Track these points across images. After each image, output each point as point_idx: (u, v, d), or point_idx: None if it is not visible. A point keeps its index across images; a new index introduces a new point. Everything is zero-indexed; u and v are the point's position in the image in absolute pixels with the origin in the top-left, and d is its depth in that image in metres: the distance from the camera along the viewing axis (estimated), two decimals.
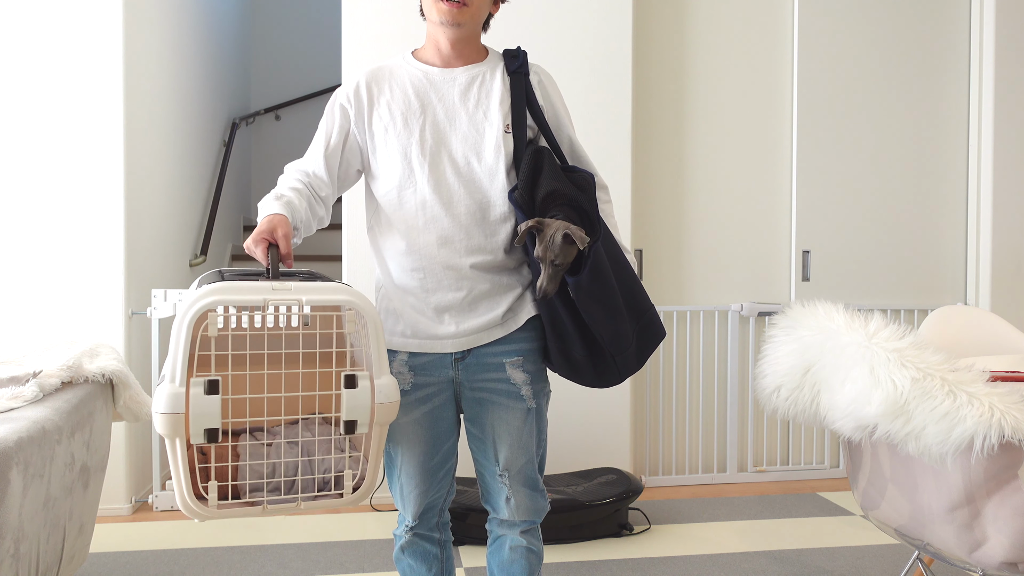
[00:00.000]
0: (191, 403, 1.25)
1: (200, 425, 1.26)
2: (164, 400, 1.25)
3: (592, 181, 1.62)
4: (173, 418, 1.25)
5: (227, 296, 1.27)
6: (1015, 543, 1.68)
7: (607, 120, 3.37)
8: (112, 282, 3.10)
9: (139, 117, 3.28)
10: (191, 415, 1.25)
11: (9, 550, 1.60)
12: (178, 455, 1.27)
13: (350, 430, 1.35)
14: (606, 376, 1.61)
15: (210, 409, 1.26)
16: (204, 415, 1.26)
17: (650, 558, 2.70)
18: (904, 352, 1.75)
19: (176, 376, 1.25)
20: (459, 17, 1.54)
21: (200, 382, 1.26)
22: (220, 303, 1.27)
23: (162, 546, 2.78)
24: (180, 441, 1.26)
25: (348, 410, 1.34)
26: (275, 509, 1.34)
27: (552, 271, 1.48)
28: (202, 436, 1.26)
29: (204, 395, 1.25)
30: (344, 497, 1.37)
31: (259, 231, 1.43)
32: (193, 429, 1.26)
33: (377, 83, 1.62)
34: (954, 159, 3.78)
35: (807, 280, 3.67)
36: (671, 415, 3.62)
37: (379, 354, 1.37)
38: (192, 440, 1.27)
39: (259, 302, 1.28)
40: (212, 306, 1.26)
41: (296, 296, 1.30)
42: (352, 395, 1.34)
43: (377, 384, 1.36)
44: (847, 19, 3.67)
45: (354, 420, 1.34)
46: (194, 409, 1.25)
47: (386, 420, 1.38)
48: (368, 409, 1.35)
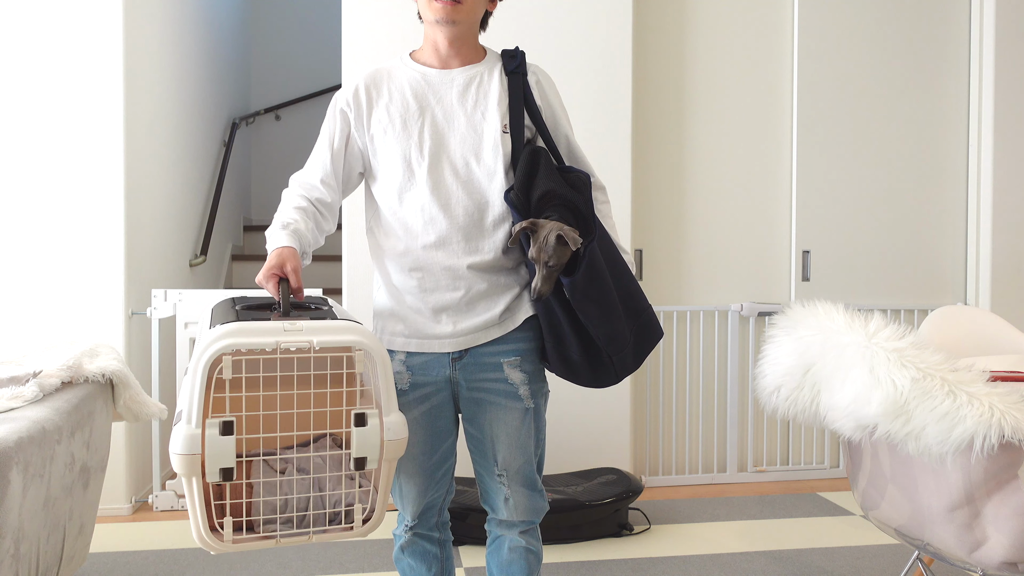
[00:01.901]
0: (207, 444, 1.30)
1: (216, 465, 1.31)
2: (181, 441, 1.30)
3: (588, 181, 1.62)
4: (190, 459, 1.30)
5: (240, 339, 1.32)
6: (1015, 543, 1.68)
7: (607, 120, 3.37)
8: (112, 282, 3.10)
9: (139, 117, 3.28)
10: (207, 455, 1.30)
11: (9, 550, 1.60)
12: (195, 493, 1.32)
13: (360, 467, 1.39)
14: (603, 376, 1.61)
15: (225, 449, 1.31)
16: (219, 455, 1.31)
17: (650, 558, 2.70)
18: (904, 352, 1.75)
19: (192, 418, 1.30)
20: (454, 15, 1.55)
21: (215, 423, 1.30)
22: (234, 346, 1.31)
23: (162, 546, 2.78)
24: (196, 480, 1.31)
25: (358, 447, 1.38)
26: (287, 542, 1.39)
27: (546, 272, 1.48)
28: (217, 475, 1.31)
29: (219, 436, 1.30)
30: (354, 530, 1.43)
31: (269, 267, 1.46)
32: (209, 468, 1.31)
33: (376, 85, 1.62)
34: (954, 159, 3.78)
35: (807, 280, 3.67)
36: (671, 415, 3.62)
37: (388, 392, 1.41)
38: (208, 479, 1.31)
39: (272, 344, 1.33)
40: (226, 350, 1.30)
41: (307, 338, 1.34)
42: (362, 433, 1.38)
43: (386, 422, 1.40)
44: (847, 19, 3.67)
45: (364, 457, 1.39)
46: (210, 450, 1.30)
47: (394, 456, 1.42)
48: (377, 446, 1.39)
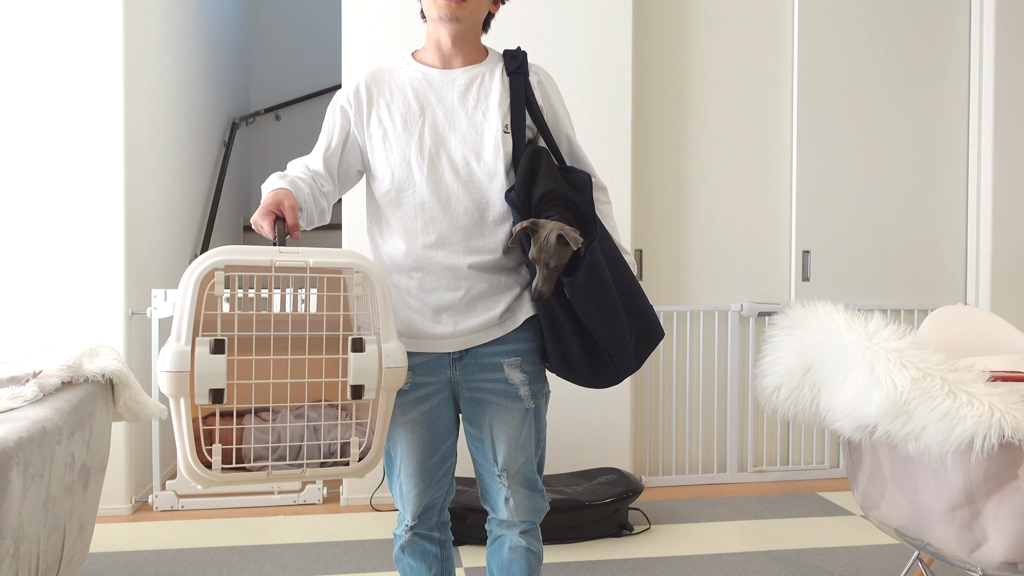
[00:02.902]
0: (197, 362, 1.22)
1: (205, 385, 1.23)
2: (169, 358, 1.22)
3: (589, 182, 1.62)
4: (178, 376, 1.22)
5: (234, 256, 1.26)
6: (1015, 543, 1.68)
7: (607, 120, 3.37)
8: (112, 282, 3.10)
9: (139, 117, 3.28)
10: (196, 374, 1.22)
11: (9, 550, 1.60)
12: (182, 415, 1.24)
13: (357, 395, 1.33)
14: (604, 376, 1.61)
15: (216, 368, 1.23)
16: (210, 374, 1.23)
17: (650, 558, 2.70)
18: (904, 352, 1.75)
19: (182, 335, 1.23)
20: (458, 12, 1.55)
21: (206, 341, 1.23)
22: (226, 262, 1.26)
23: (162, 546, 2.78)
24: (184, 400, 1.24)
25: (355, 374, 1.32)
26: (280, 475, 1.31)
27: (547, 272, 1.48)
28: (207, 396, 1.23)
29: (210, 354, 1.23)
30: (350, 465, 1.34)
31: (265, 205, 1.44)
32: (198, 389, 1.23)
33: (377, 85, 1.62)
34: (954, 159, 3.78)
35: (807, 280, 3.67)
36: (671, 415, 3.62)
37: (386, 318, 1.35)
38: (197, 400, 1.23)
39: (266, 262, 1.27)
40: (218, 265, 1.25)
41: (303, 259, 1.29)
42: (359, 359, 1.32)
43: (384, 349, 1.34)
44: (847, 19, 3.67)
45: (361, 385, 1.32)
46: (199, 368, 1.22)
47: (393, 386, 1.36)
48: (375, 374, 1.33)
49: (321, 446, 1.35)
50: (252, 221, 1.44)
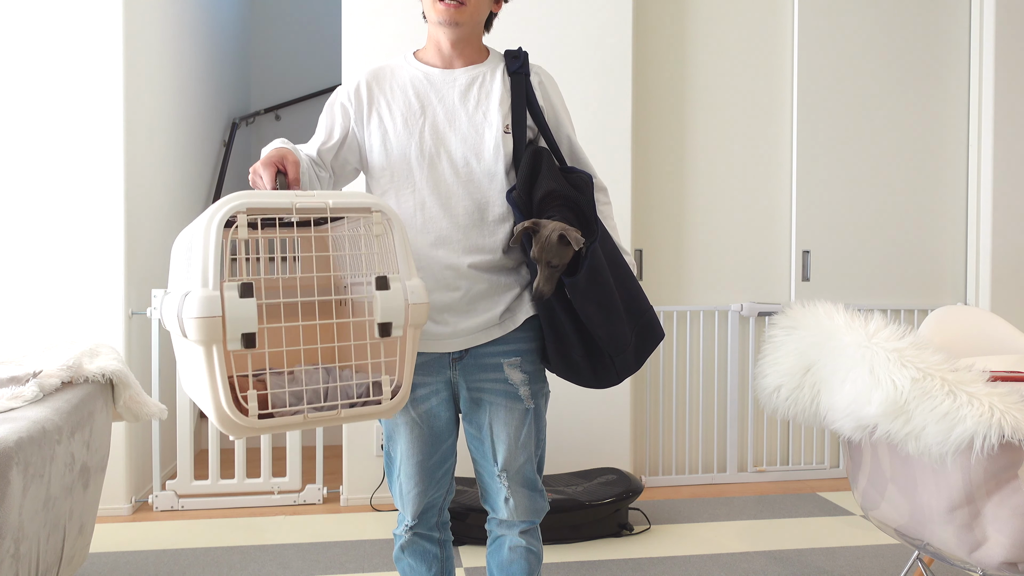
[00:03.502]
0: (227, 307, 1.18)
1: (237, 329, 1.19)
2: (197, 304, 1.17)
3: (590, 182, 1.62)
4: (210, 322, 1.17)
5: (254, 200, 1.24)
6: (1015, 543, 1.68)
7: (607, 120, 3.37)
8: (112, 282, 3.10)
9: (139, 117, 3.28)
10: (228, 319, 1.18)
11: (9, 550, 1.60)
12: (215, 363, 1.20)
13: (385, 333, 1.31)
14: (604, 377, 1.61)
15: (247, 312, 1.19)
16: (241, 318, 1.19)
17: (650, 558, 2.70)
18: (904, 352, 1.75)
19: (209, 280, 1.19)
20: (457, 16, 1.55)
21: (234, 285, 1.20)
22: (248, 205, 1.23)
23: (162, 546, 2.78)
24: (217, 347, 1.19)
25: (383, 312, 1.30)
26: (315, 419, 1.28)
27: (548, 272, 1.48)
28: (239, 342, 1.19)
29: (239, 298, 1.19)
30: (383, 404, 1.33)
31: (268, 156, 1.43)
32: (230, 334, 1.19)
33: (378, 83, 1.63)
34: (954, 159, 3.78)
35: (807, 280, 3.67)
36: (671, 415, 3.62)
37: (406, 257, 1.35)
38: (229, 346, 1.20)
39: (286, 204, 1.25)
40: (240, 208, 1.22)
41: (322, 200, 1.28)
42: (386, 296, 1.31)
43: (408, 286, 1.34)
44: (847, 19, 3.67)
45: (389, 322, 1.31)
46: (230, 313, 1.18)
47: (419, 322, 1.35)
48: (402, 310, 1.32)
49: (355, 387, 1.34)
50: (252, 170, 1.42)
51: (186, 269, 1.32)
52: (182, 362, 1.44)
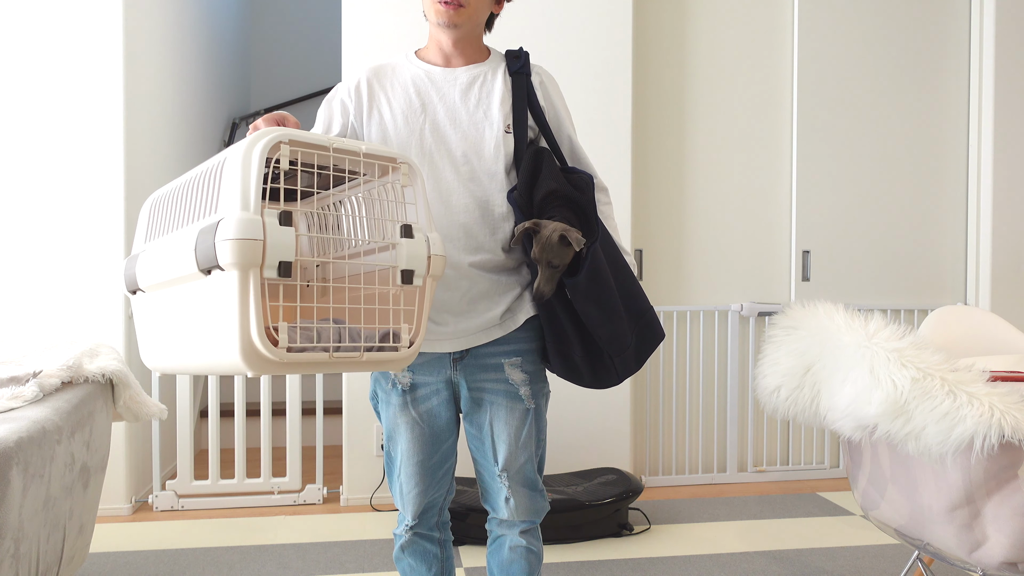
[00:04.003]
0: (267, 232, 1.15)
1: (276, 256, 1.16)
2: (236, 226, 1.13)
3: (591, 182, 1.62)
4: (250, 244, 1.13)
5: (295, 133, 1.23)
6: (1015, 543, 1.68)
7: (607, 120, 3.38)
8: (112, 282, 3.10)
9: (139, 117, 3.28)
10: (267, 244, 1.15)
11: (9, 550, 1.60)
12: (251, 290, 1.15)
13: (407, 280, 1.33)
14: (605, 377, 1.61)
15: (285, 240, 1.17)
16: (280, 245, 1.16)
17: (650, 558, 2.70)
18: (904, 352, 1.75)
19: (251, 203, 1.15)
20: (456, 18, 1.55)
21: (273, 212, 1.17)
22: (290, 136, 1.22)
23: (162, 546, 2.78)
24: (254, 273, 1.15)
25: (408, 258, 1.32)
26: (340, 358, 1.27)
27: (549, 272, 1.48)
28: (276, 270, 1.17)
29: (280, 225, 1.17)
30: (400, 352, 1.34)
31: (268, 116, 1.42)
32: (268, 260, 1.16)
33: (379, 80, 1.63)
34: (954, 159, 3.78)
35: (807, 280, 3.67)
36: (671, 415, 3.62)
37: (427, 212, 1.38)
38: (266, 273, 1.17)
39: (325, 142, 1.26)
40: (283, 138, 1.21)
41: (355, 145, 1.29)
42: (410, 244, 1.33)
43: (430, 237, 1.37)
44: (847, 19, 3.67)
45: (412, 270, 1.33)
46: (270, 238, 1.15)
47: (437, 273, 1.38)
48: (425, 258, 1.34)
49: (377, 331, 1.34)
50: (252, 126, 1.41)
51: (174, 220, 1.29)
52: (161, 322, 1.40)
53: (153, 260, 1.35)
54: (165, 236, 1.36)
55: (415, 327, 1.37)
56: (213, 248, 1.15)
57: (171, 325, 1.36)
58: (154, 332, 1.43)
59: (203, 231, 1.19)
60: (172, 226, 1.35)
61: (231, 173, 1.18)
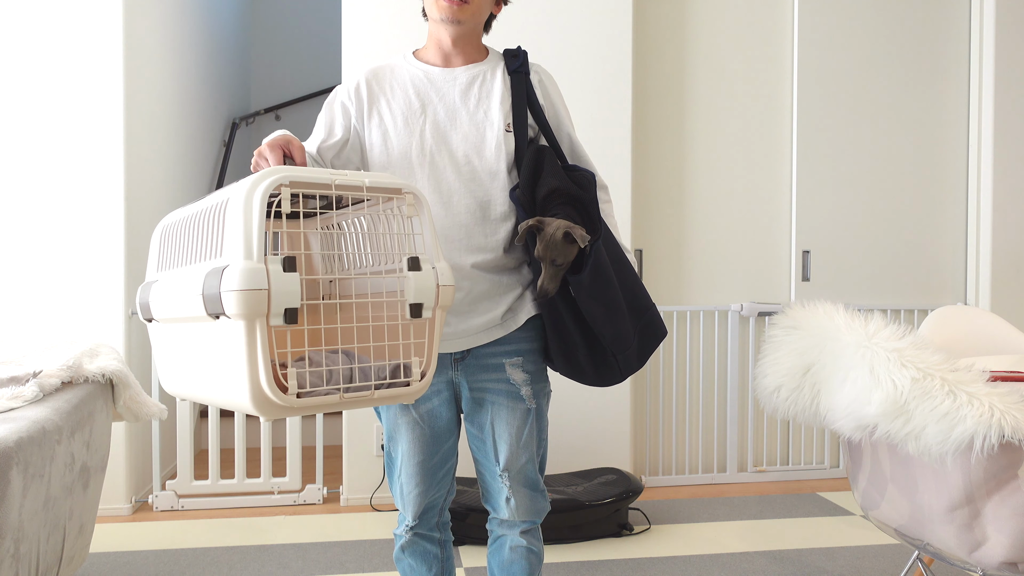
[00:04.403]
0: (271, 281, 1.15)
1: (281, 304, 1.15)
2: (240, 276, 1.12)
3: (593, 180, 1.62)
4: (255, 295, 1.13)
5: (296, 174, 1.22)
6: (1015, 543, 1.68)
7: (607, 120, 3.38)
8: (112, 282, 3.11)
9: (139, 117, 3.28)
10: (272, 293, 1.15)
11: (9, 550, 1.60)
12: (258, 339, 1.15)
13: (416, 313, 1.31)
14: (607, 375, 1.61)
15: (290, 287, 1.16)
16: (284, 293, 1.16)
17: (650, 558, 2.70)
18: (904, 352, 1.75)
19: (253, 252, 1.14)
20: (459, 14, 1.55)
21: (276, 259, 1.16)
22: (291, 179, 1.20)
23: (162, 546, 2.78)
24: (261, 323, 1.15)
25: (416, 292, 1.31)
26: (351, 399, 1.27)
27: (553, 270, 1.48)
28: (282, 317, 1.16)
29: (284, 272, 1.16)
30: (411, 386, 1.33)
31: (272, 140, 1.41)
32: (274, 309, 1.15)
33: (378, 82, 1.62)
34: (954, 159, 3.79)
35: (807, 280, 3.67)
36: (671, 415, 3.62)
37: (434, 241, 1.37)
38: (272, 321, 1.16)
39: (326, 179, 1.24)
40: (283, 181, 1.20)
41: (359, 179, 1.28)
42: (418, 277, 1.31)
43: (438, 267, 1.35)
44: (847, 19, 3.67)
45: (420, 303, 1.31)
46: (274, 287, 1.15)
47: (447, 303, 1.36)
48: (433, 290, 1.33)
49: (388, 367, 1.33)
50: (257, 153, 1.40)
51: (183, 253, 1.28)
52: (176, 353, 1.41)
53: (165, 294, 1.35)
54: (175, 269, 1.36)
55: (426, 359, 1.36)
56: (219, 296, 1.15)
57: (186, 358, 1.37)
58: (171, 361, 1.44)
59: (209, 275, 1.19)
60: (181, 259, 1.36)
61: (234, 217, 1.18)
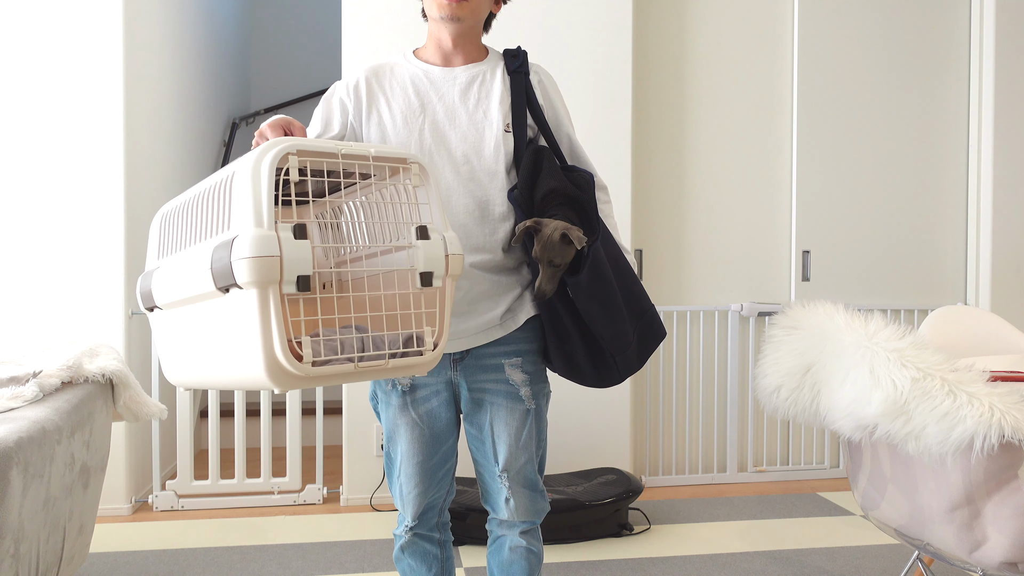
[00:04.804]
0: (283, 247, 1.14)
1: (293, 271, 1.15)
2: (251, 243, 1.12)
3: (591, 181, 1.62)
4: (267, 262, 1.12)
5: (303, 143, 1.22)
6: (1015, 543, 1.68)
7: (607, 120, 3.38)
8: (112, 282, 3.11)
9: (139, 117, 3.28)
10: (284, 260, 1.14)
11: (9, 550, 1.60)
12: (271, 307, 1.14)
13: (427, 282, 1.31)
14: (607, 376, 1.61)
15: (302, 254, 1.15)
16: (297, 260, 1.15)
17: (650, 558, 2.70)
18: (904, 352, 1.75)
19: (264, 220, 1.14)
20: (459, 12, 1.55)
21: (287, 226, 1.15)
22: (298, 147, 1.20)
23: (162, 546, 2.78)
24: (274, 289, 1.14)
25: (425, 260, 1.31)
26: (365, 368, 1.26)
27: (550, 271, 1.47)
28: (294, 284, 1.15)
29: (295, 239, 1.15)
30: (425, 355, 1.32)
31: (273, 121, 1.40)
32: (287, 276, 1.15)
33: (377, 80, 1.62)
34: (954, 159, 3.78)
35: (807, 280, 3.67)
36: (671, 415, 3.62)
37: (441, 210, 1.37)
38: (284, 288, 1.16)
39: (332, 149, 1.24)
40: (291, 149, 1.20)
41: (364, 149, 1.28)
42: (427, 245, 1.31)
43: (446, 236, 1.36)
44: (847, 19, 3.67)
45: (431, 271, 1.31)
46: (286, 253, 1.14)
47: (455, 272, 1.36)
48: (443, 259, 1.33)
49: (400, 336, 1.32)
50: (258, 133, 1.40)
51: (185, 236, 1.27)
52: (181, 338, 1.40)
53: (168, 278, 1.34)
54: (178, 253, 1.35)
55: (438, 329, 1.36)
56: (230, 266, 1.14)
57: (192, 342, 1.35)
58: (175, 348, 1.43)
59: (218, 248, 1.18)
60: (184, 242, 1.34)
61: (241, 188, 1.17)
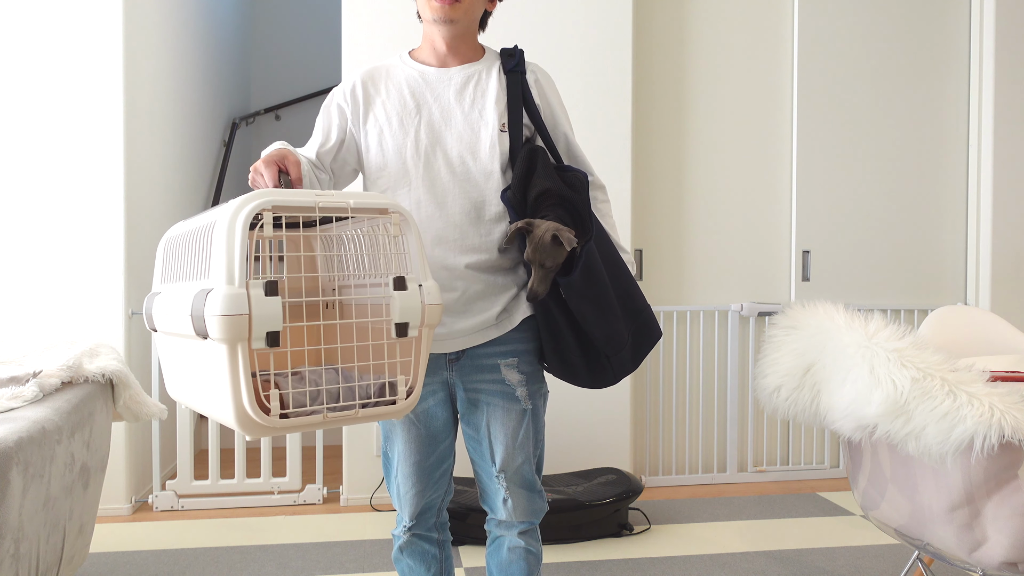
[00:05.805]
0: (253, 305, 1.17)
1: (263, 327, 1.17)
2: (223, 301, 1.15)
3: (586, 180, 1.61)
4: (236, 320, 1.15)
5: (279, 197, 1.23)
6: (1015, 543, 1.68)
7: (607, 120, 3.37)
8: (112, 282, 3.11)
9: (139, 117, 3.28)
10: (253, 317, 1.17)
11: (9, 550, 1.60)
12: (239, 362, 1.18)
13: (402, 333, 1.32)
14: (601, 377, 1.60)
15: (272, 311, 1.18)
16: (266, 316, 1.18)
17: (650, 558, 2.70)
18: (904, 352, 1.75)
19: (235, 277, 1.17)
20: (452, 13, 1.54)
21: (258, 283, 1.18)
22: (273, 203, 1.22)
23: (162, 546, 2.78)
24: (243, 346, 1.18)
25: (401, 312, 1.31)
26: (335, 418, 1.28)
27: (542, 273, 1.47)
28: (264, 340, 1.18)
29: (265, 296, 1.18)
30: (397, 404, 1.34)
31: (268, 155, 1.42)
32: (255, 332, 1.18)
33: (373, 83, 1.62)
34: (954, 159, 3.78)
35: (807, 280, 3.67)
36: (671, 415, 3.62)
37: (421, 258, 1.37)
38: (253, 345, 1.19)
39: (310, 203, 1.25)
40: (265, 206, 1.21)
41: (344, 200, 1.28)
42: (403, 297, 1.31)
43: (424, 286, 1.36)
44: (847, 19, 3.67)
45: (406, 322, 1.32)
46: (256, 311, 1.17)
47: (433, 322, 1.37)
48: (419, 310, 1.33)
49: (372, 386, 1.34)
50: (253, 169, 1.41)
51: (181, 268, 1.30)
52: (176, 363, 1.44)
53: (163, 309, 1.38)
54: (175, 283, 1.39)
55: (412, 376, 1.36)
56: (204, 320, 1.18)
57: (185, 370, 1.39)
58: (174, 369, 1.46)
59: (197, 297, 1.21)
60: (180, 274, 1.38)
61: (218, 242, 1.20)
